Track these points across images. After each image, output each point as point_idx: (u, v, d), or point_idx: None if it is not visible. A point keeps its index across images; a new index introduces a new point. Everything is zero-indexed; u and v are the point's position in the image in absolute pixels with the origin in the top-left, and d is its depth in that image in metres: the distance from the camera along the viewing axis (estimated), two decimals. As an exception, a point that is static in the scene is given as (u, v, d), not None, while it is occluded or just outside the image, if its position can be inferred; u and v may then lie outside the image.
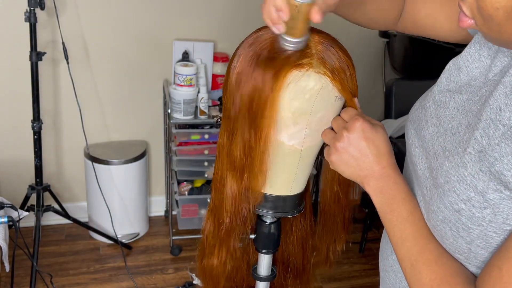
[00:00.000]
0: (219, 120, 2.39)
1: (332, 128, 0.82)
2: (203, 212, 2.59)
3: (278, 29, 0.74)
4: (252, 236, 0.99)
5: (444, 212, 0.69)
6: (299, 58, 0.77)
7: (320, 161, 0.96)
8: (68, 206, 2.59)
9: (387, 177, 0.77)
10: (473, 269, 0.70)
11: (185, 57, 2.47)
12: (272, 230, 0.97)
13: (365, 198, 3.30)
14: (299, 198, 0.94)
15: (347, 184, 0.93)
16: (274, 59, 0.77)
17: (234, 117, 0.83)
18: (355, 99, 0.82)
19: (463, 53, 0.76)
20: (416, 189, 0.80)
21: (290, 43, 0.77)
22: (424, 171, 0.76)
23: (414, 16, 0.88)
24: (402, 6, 0.90)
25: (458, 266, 0.70)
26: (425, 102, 0.80)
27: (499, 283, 0.61)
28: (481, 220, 0.65)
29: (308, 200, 1.00)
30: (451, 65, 0.77)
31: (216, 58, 2.55)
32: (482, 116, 0.66)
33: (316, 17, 0.71)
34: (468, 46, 0.76)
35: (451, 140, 0.71)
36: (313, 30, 0.81)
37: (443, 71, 0.78)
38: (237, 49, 0.83)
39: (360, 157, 0.77)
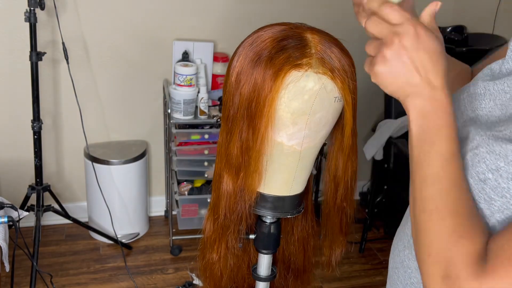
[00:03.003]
0: (219, 120, 2.39)
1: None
2: (203, 212, 2.59)
3: None
4: (252, 236, 1.00)
5: (469, 181, 0.67)
6: (299, 58, 0.77)
7: (320, 161, 0.96)
8: (68, 206, 2.59)
9: (439, 102, 0.65)
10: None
11: (185, 57, 2.47)
12: (272, 230, 0.98)
13: (365, 199, 3.30)
14: (299, 199, 0.94)
15: (347, 186, 0.93)
16: (273, 59, 0.77)
17: (233, 116, 0.83)
18: None
19: (505, 58, 0.75)
20: None
21: None
22: None
23: None
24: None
25: (483, 228, 0.64)
26: (458, 95, 0.78)
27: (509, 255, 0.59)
28: (506, 191, 0.64)
29: (309, 201, 1.01)
30: (491, 66, 0.76)
31: (216, 58, 2.55)
32: None
33: None
34: (509, 50, 0.74)
35: (486, 124, 0.70)
36: (314, 30, 0.82)
37: (482, 70, 0.77)
38: (237, 48, 0.84)
39: (411, 70, 0.64)
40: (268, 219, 0.97)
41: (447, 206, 0.64)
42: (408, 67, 0.64)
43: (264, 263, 1.01)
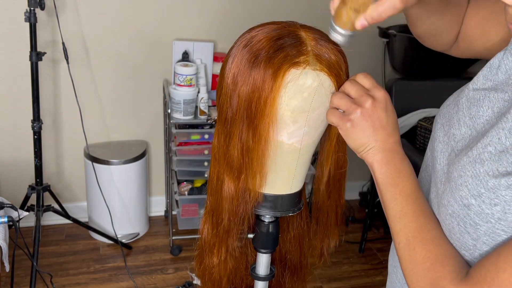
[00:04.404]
0: (214, 123, 2.39)
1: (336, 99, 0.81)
2: (203, 212, 2.59)
3: (332, 3, 0.77)
4: (251, 236, 0.99)
5: (454, 206, 0.69)
6: (296, 56, 0.77)
7: (316, 160, 0.96)
8: (68, 206, 2.59)
9: (396, 152, 0.77)
10: None
11: (185, 57, 2.47)
12: (270, 230, 0.98)
13: (365, 199, 3.29)
14: (298, 196, 0.94)
15: (338, 180, 0.93)
16: (271, 59, 0.77)
17: (231, 119, 0.83)
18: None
19: (505, 53, 0.74)
20: (432, 184, 0.79)
21: (334, 31, 0.78)
22: (443, 167, 0.77)
23: (466, 29, 0.87)
24: (460, 24, 0.89)
25: (453, 251, 0.70)
26: (458, 99, 0.79)
27: (493, 277, 0.62)
28: (490, 217, 0.65)
29: (303, 198, 1.01)
30: (491, 62, 0.76)
31: (216, 58, 2.55)
32: (509, 116, 0.66)
33: (370, 16, 0.72)
34: (510, 44, 0.74)
35: (476, 140, 0.71)
36: (306, 28, 0.82)
37: (482, 69, 0.77)
38: (230, 50, 0.83)
39: (379, 127, 0.76)
40: (267, 218, 0.97)
41: (415, 236, 0.72)
42: (376, 125, 0.76)
43: (263, 262, 1.01)
